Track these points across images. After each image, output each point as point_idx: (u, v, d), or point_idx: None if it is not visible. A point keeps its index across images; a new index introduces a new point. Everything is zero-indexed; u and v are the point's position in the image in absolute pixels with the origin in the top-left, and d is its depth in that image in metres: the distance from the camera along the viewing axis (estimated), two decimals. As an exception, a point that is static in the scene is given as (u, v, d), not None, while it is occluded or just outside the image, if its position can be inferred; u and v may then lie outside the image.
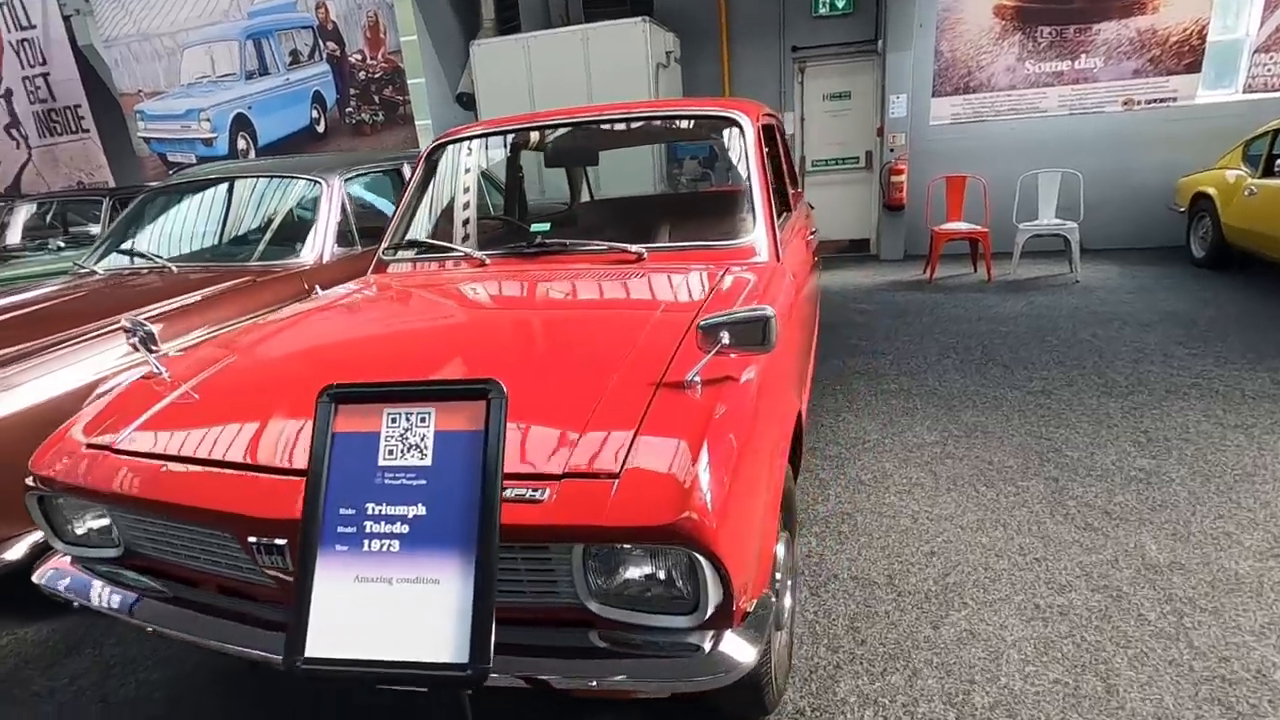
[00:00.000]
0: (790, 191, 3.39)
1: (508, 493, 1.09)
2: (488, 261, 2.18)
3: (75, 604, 1.43)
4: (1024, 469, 2.69)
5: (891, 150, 6.81)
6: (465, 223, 2.54)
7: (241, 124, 8.21)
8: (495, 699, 1.61)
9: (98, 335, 2.37)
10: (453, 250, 2.25)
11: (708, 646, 1.13)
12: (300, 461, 1.18)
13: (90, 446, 1.43)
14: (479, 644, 0.78)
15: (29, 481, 1.45)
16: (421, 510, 0.83)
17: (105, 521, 1.45)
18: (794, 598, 1.84)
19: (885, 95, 6.73)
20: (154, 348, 1.68)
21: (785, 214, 2.89)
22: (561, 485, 1.09)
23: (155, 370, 1.65)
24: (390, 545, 0.82)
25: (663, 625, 1.13)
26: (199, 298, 2.71)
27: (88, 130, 9.13)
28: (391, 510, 0.83)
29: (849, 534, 2.35)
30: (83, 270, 3.36)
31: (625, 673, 1.10)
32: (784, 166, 2.99)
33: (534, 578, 1.15)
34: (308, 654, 0.81)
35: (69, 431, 1.51)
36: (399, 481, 0.84)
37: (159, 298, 2.69)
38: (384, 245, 2.44)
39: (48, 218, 7.76)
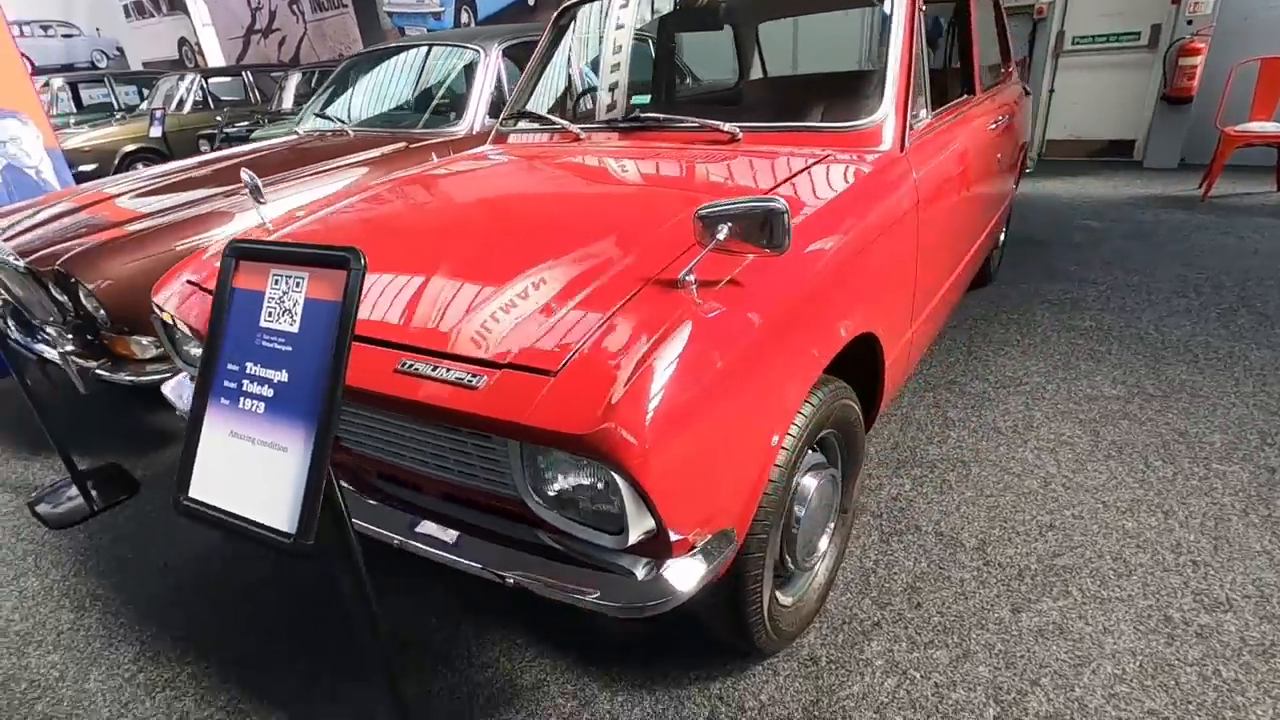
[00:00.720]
0: (987, 70, 2.76)
1: (448, 374, 1.05)
2: (583, 136, 2.06)
3: (178, 412, 1.70)
4: (1230, 449, 2.08)
5: (1189, 22, 5.25)
6: (585, 93, 2.40)
7: (464, -2, 8.57)
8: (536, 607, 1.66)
9: (280, 184, 2.71)
10: (553, 123, 2.15)
11: (640, 573, 1.03)
12: None
13: (189, 282, 1.63)
14: (306, 518, 0.75)
15: (153, 305, 1.70)
16: (284, 376, 0.81)
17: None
18: (838, 540, 1.64)
19: (1196, -55, 5.11)
20: (261, 199, 1.83)
21: (965, 97, 2.37)
22: (501, 375, 1.01)
23: (260, 219, 1.81)
24: (257, 406, 0.82)
25: (591, 540, 1.04)
26: (356, 159, 2.93)
27: (346, 5, 10.14)
28: (263, 372, 0.82)
29: (954, 484, 2.02)
30: (294, 131, 3.80)
31: (550, 575, 1.05)
32: (973, 36, 2.40)
33: (484, 464, 1.11)
34: (190, 494, 0.85)
35: (185, 266, 1.73)
36: (272, 345, 0.82)
37: (325, 157, 2.96)
38: (502, 115, 2.41)
39: (312, 84, 8.95)
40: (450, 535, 1.14)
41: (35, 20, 11.66)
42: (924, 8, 1.85)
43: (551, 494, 1.06)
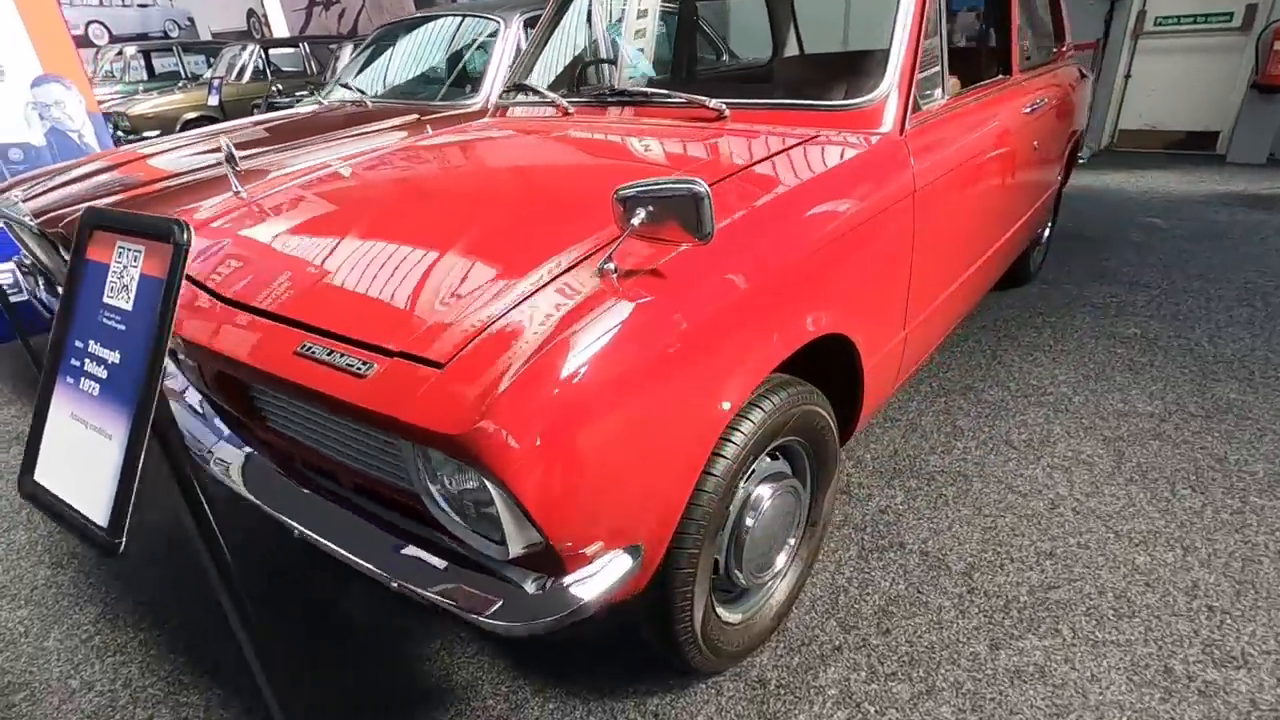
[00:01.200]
0: (1034, 49, 2.53)
1: (340, 359, 0.98)
2: (572, 110, 1.95)
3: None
4: (1274, 481, 1.86)
5: (1289, 2, 4.75)
6: (584, 66, 2.29)
7: (516, -30, 8.48)
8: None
9: (288, 152, 2.70)
10: (545, 97, 2.05)
11: (530, 587, 0.94)
12: (258, 299, 1.17)
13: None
14: (117, 513, 0.70)
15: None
16: (117, 358, 0.75)
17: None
18: (804, 554, 1.53)
19: (1303, -85, 4.60)
20: (236, 166, 1.80)
21: (1000, 78, 2.17)
22: (391, 363, 0.94)
23: (234, 187, 1.78)
24: (93, 388, 0.76)
25: (478, 549, 0.96)
26: (365, 130, 2.90)
27: (403, -22, 10.19)
28: (101, 351, 0.76)
29: (951, 500, 1.86)
30: (319, 101, 3.81)
31: (438, 583, 0.98)
32: (1013, 12, 2.18)
33: (385, 457, 1.04)
34: (35, 476, 0.80)
35: None
36: (110, 323, 0.76)
37: (337, 127, 2.93)
38: (501, 88, 2.32)
39: (365, 58, 9.06)
40: (351, 530, 1.08)
41: (114, -10, 12.19)
42: (943, -24, 1.67)
43: (445, 494, 0.99)
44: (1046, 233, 3.24)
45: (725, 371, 1.07)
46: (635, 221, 0.92)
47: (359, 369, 0.94)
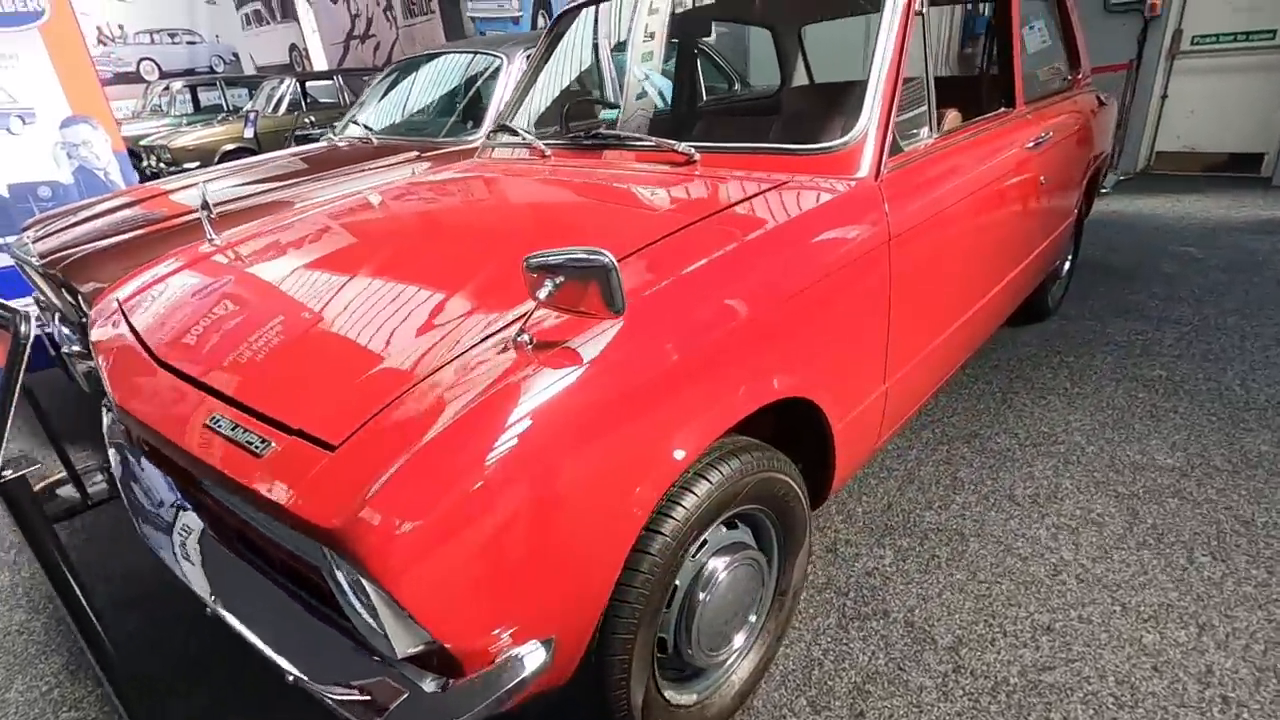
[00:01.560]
0: (1042, 78, 2.43)
1: (242, 435, 0.93)
2: (549, 153, 1.92)
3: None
4: (1307, 549, 1.69)
5: (1336, 18, 4.51)
6: (566, 106, 2.25)
7: (541, 3, 8.63)
8: None
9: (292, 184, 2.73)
10: (525, 139, 2.01)
11: (428, 686, 0.88)
12: (188, 364, 1.14)
13: (121, 296, 1.60)
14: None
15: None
16: (-32, 450, 0.71)
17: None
18: (772, 627, 1.43)
19: (1349, -72, 4.38)
20: (211, 214, 1.80)
21: (1001, 111, 2.07)
22: (289, 442, 0.89)
23: (207, 235, 1.78)
24: (-52, 479, 0.72)
25: (372, 642, 0.90)
26: (365, 168, 2.92)
27: (434, 12, 10.45)
28: (-42, 441, 0.73)
29: (944, 562, 1.74)
30: (332, 137, 3.87)
31: (335, 679, 0.91)
32: (1014, 40, 2.08)
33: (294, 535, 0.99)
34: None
35: (136, 275, 1.70)
36: (-32, 410, 0.72)
37: (340, 164, 2.96)
38: (488, 129, 2.31)
39: (396, 89, 9.28)
40: (265, 619, 1.03)
41: (164, 29, 12.77)
42: (924, 13, 1.59)
43: (350, 579, 0.93)
44: (1066, 265, 3.09)
45: (657, 448, 0.99)
46: (542, 294, 0.86)
47: (257, 447, 0.90)
